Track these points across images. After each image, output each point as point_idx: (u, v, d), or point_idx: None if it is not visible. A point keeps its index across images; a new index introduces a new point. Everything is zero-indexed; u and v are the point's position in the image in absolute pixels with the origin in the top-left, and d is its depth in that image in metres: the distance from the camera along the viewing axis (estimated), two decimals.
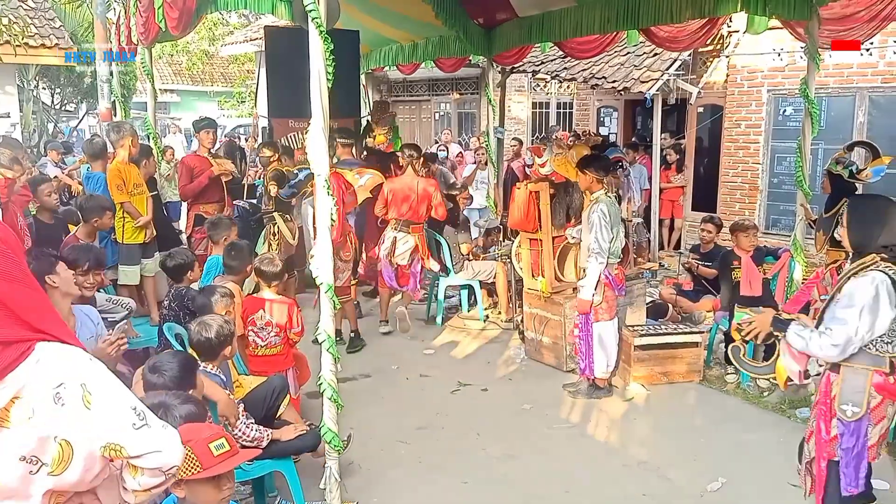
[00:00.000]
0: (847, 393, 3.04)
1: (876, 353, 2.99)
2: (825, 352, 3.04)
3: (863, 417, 3.01)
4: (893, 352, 2.98)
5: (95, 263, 4.36)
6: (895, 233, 3.00)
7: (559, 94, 13.62)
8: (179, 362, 2.90)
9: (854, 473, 3.05)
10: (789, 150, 8.67)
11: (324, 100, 3.48)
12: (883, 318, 2.92)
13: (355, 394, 5.42)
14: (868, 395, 3.00)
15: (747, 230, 5.81)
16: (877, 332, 2.94)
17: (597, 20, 6.35)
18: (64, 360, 1.62)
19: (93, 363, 1.66)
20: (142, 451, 1.68)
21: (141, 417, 1.69)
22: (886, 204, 3.14)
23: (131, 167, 5.97)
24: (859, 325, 2.92)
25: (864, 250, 3.09)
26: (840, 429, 3.07)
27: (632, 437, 4.87)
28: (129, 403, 1.69)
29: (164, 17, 5.94)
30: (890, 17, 5.15)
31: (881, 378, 2.99)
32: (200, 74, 27.05)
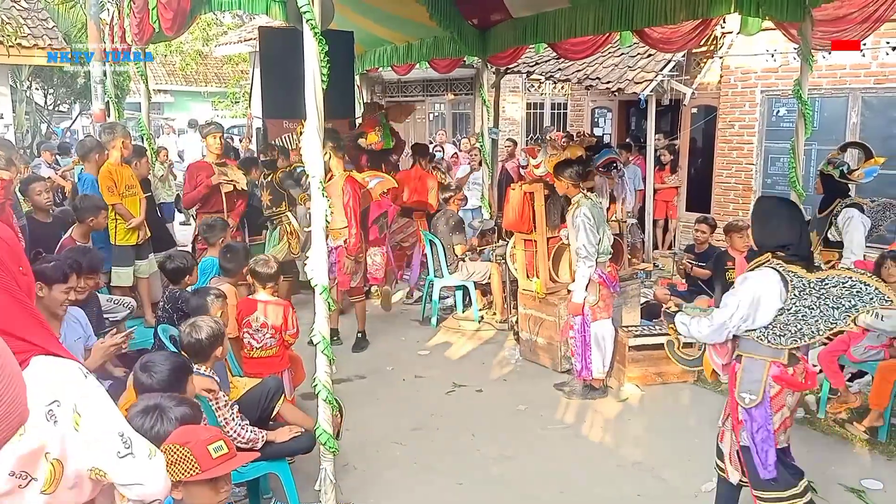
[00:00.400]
0: (746, 382, 3.23)
1: (769, 345, 3.16)
2: (702, 334, 3.32)
3: (760, 405, 3.18)
4: (788, 344, 3.14)
5: (89, 268, 4.33)
6: (790, 233, 3.19)
7: (553, 94, 13.64)
8: (171, 365, 2.88)
9: (764, 459, 3.21)
10: (783, 150, 8.72)
11: (318, 101, 3.47)
12: (765, 311, 3.12)
13: (350, 395, 5.42)
14: (765, 385, 3.18)
15: (741, 231, 5.83)
16: (758, 323, 3.15)
17: (590, 21, 6.36)
18: (59, 376, 1.59)
19: (87, 381, 1.64)
20: (124, 481, 1.67)
21: (127, 446, 1.66)
22: (784, 206, 3.37)
23: (124, 168, 5.96)
24: (735, 313, 3.16)
25: (762, 248, 3.29)
26: (743, 415, 3.25)
27: (626, 438, 4.88)
28: (116, 429, 1.67)
29: (159, 18, 5.92)
30: (883, 18, 5.16)
31: (778, 369, 3.17)
32: (194, 75, 26.99)
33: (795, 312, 3.11)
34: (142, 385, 2.81)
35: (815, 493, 4.08)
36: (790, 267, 3.15)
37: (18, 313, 1.58)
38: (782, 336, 3.15)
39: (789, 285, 3.11)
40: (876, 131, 8.34)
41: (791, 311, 3.11)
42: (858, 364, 5.04)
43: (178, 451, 2.23)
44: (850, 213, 5.24)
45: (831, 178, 5.50)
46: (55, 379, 1.58)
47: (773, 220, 3.28)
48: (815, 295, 3.09)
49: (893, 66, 8.08)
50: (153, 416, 2.36)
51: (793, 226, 3.23)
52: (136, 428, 2.37)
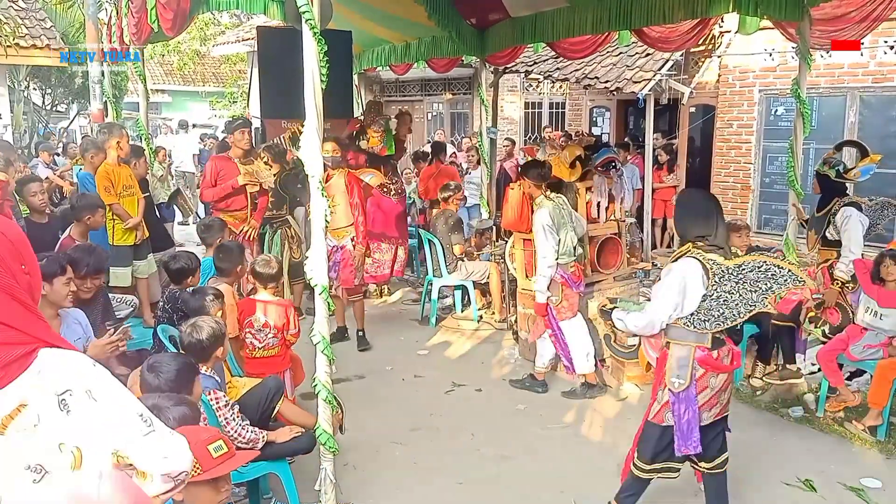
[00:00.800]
0: (675, 368, 3.41)
1: (695, 330, 3.35)
2: (637, 327, 3.53)
3: (688, 388, 3.38)
4: (712, 328, 3.33)
5: (94, 269, 4.31)
6: (707, 224, 3.39)
7: (552, 94, 13.64)
8: (179, 365, 2.89)
9: (687, 437, 3.42)
10: (781, 149, 8.71)
11: (318, 100, 3.47)
12: (691, 298, 3.31)
13: (350, 394, 5.41)
14: (692, 368, 3.38)
15: (740, 230, 5.83)
16: (686, 311, 3.33)
17: (589, 21, 6.35)
18: (68, 365, 1.59)
19: (97, 368, 1.63)
20: (152, 458, 1.66)
21: (148, 424, 1.66)
22: (702, 198, 3.59)
23: (121, 168, 5.95)
24: (666, 303, 3.35)
25: (683, 239, 3.51)
26: (671, 397, 3.44)
27: (626, 437, 4.87)
28: (135, 410, 1.66)
29: (158, 18, 5.91)
30: (881, 17, 5.18)
31: (703, 353, 3.37)
32: (192, 74, 26.95)
33: (717, 298, 3.29)
34: (149, 385, 2.82)
35: (814, 491, 4.11)
36: (708, 255, 3.32)
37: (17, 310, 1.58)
38: (706, 321, 3.32)
39: (709, 272, 3.29)
40: (874, 130, 8.35)
41: (713, 296, 3.29)
42: (857, 363, 5.05)
43: None
44: (849, 212, 5.25)
45: (828, 178, 5.51)
46: (65, 369, 1.57)
47: (691, 212, 3.49)
48: (733, 280, 3.27)
49: (891, 65, 8.08)
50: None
51: (710, 217, 3.41)
52: None
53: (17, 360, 1.53)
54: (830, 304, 5.36)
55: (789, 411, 5.19)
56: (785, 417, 5.15)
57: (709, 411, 3.47)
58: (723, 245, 3.42)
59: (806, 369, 5.75)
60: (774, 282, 3.23)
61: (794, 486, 4.18)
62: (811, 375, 5.67)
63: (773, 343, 5.72)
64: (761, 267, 3.26)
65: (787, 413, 5.18)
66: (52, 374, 1.56)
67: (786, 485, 4.20)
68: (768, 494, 4.12)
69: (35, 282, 1.67)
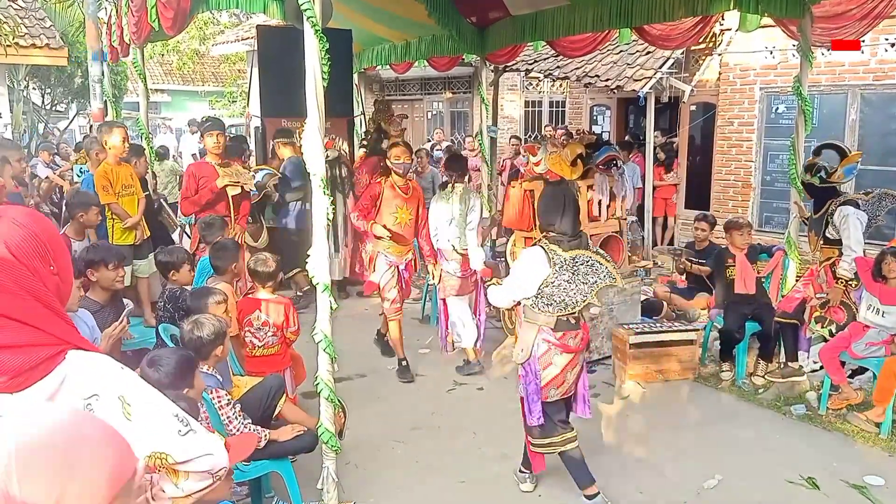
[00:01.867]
0: (521, 342, 3.83)
1: (541, 312, 3.72)
2: (495, 300, 4.03)
3: (529, 360, 3.76)
4: (556, 312, 3.71)
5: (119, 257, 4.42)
6: (554, 216, 3.73)
7: (552, 92, 13.63)
8: (178, 358, 2.89)
9: (531, 408, 3.81)
10: (782, 147, 8.72)
11: (319, 99, 3.47)
12: (532, 282, 3.68)
13: (351, 393, 5.40)
14: (533, 345, 3.76)
15: (741, 228, 5.83)
16: (528, 293, 3.72)
17: (589, 19, 6.35)
18: (95, 369, 1.57)
19: (125, 372, 1.62)
20: (191, 456, 1.65)
21: (185, 423, 1.66)
22: (554, 194, 3.88)
23: (121, 168, 5.94)
24: (514, 283, 3.80)
25: (540, 229, 3.96)
26: (521, 370, 3.86)
27: (627, 435, 4.88)
28: (170, 411, 1.66)
29: (159, 17, 5.90)
30: (882, 14, 5.17)
31: (546, 333, 3.75)
32: (191, 74, 26.94)
33: (557, 285, 3.67)
34: (149, 381, 2.81)
35: (817, 489, 4.10)
36: (552, 245, 3.68)
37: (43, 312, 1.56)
38: (550, 305, 3.71)
39: (551, 261, 3.65)
40: (875, 128, 8.35)
41: (554, 283, 3.66)
42: (859, 360, 5.04)
43: None
44: (846, 211, 5.25)
45: (814, 186, 5.52)
46: (93, 372, 1.56)
47: (542, 205, 3.88)
48: (570, 271, 3.66)
49: (893, 62, 8.08)
50: None
51: (557, 209, 3.74)
52: None
53: (44, 363, 1.51)
54: (835, 303, 5.35)
55: (792, 409, 5.18)
56: (787, 415, 5.14)
57: (556, 389, 3.81)
58: (572, 234, 3.74)
59: (808, 367, 5.75)
60: (598, 276, 3.70)
61: (796, 483, 4.17)
62: (813, 373, 5.67)
63: (775, 341, 5.71)
64: (588, 261, 3.68)
65: (790, 411, 5.17)
66: (78, 377, 1.54)
67: (789, 483, 4.19)
68: (771, 492, 4.11)
69: (65, 282, 1.65)
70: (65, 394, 1.52)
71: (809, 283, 5.57)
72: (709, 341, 6.21)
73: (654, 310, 6.82)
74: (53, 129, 18.98)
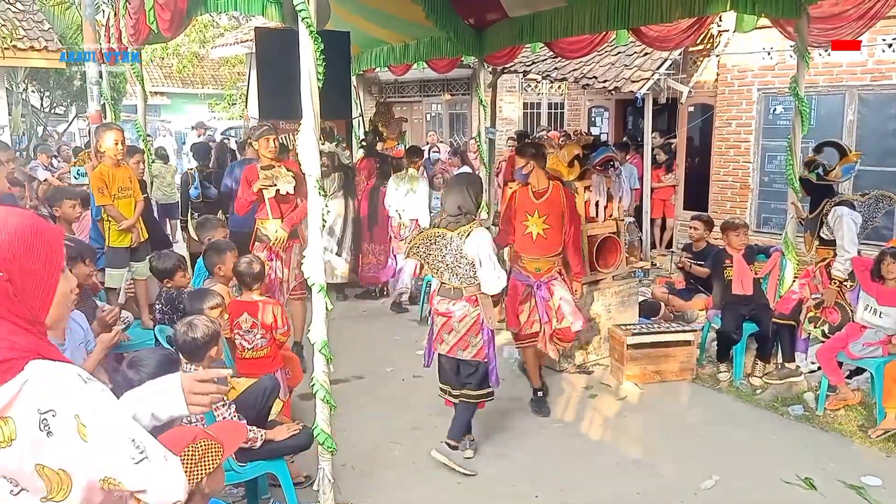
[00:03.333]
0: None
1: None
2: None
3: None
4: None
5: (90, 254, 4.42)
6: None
7: (550, 94, 13.64)
8: (158, 359, 2.89)
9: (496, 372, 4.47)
10: (780, 148, 8.71)
11: (314, 100, 3.47)
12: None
13: (349, 395, 5.41)
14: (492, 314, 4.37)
15: (738, 229, 5.83)
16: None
17: (587, 20, 6.34)
18: (56, 383, 1.51)
19: (88, 387, 1.55)
20: (142, 487, 1.60)
21: (141, 451, 1.59)
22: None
23: (118, 170, 5.93)
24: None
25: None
26: (486, 335, 4.36)
27: (625, 436, 4.88)
28: (128, 435, 1.59)
29: (156, 19, 5.90)
30: (879, 14, 5.16)
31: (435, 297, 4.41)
32: (191, 77, 26.98)
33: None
34: (129, 382, 2.82)
35: (814, 489, 4.10)
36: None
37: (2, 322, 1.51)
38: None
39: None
40: (872, 129, 8.35)
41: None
42: (857, 361, 5.03)
43: (199, 446, 2.24)
44: (840, 212, 5.25)
45: (811, 182, 5.52)
46: (52, 386, 1.49)
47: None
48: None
49: (890, 63, 8.08)
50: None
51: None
52: None
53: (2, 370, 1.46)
54: (829, 304, 5.35)
55: (789, 410, 5.18)
56: (785, 416, 5.14)
57: (439, 344, 4.44)
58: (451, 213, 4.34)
59: (806, 368, 5.74)
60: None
61: (793, 484, 4.17)
62: (811, 374, 5.66)
63: (773, 342, 5.71)
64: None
65: (787, 412, 5.17)
66: (37, 388, 1.48)
67: (786, 483, 4.19)
68: (769, 493, 4.11)
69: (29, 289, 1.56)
70: (21, 403, 1.46)
71: (806, 283, 5.57)
72: (706, 342, 6.21)
73: (653, 311, 6.82)
74: (52, 132, 19.00)
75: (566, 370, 6.01)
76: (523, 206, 5.14)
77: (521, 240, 5.17)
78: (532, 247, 5.11)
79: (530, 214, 5.09)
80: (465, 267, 4.29)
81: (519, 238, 5.18)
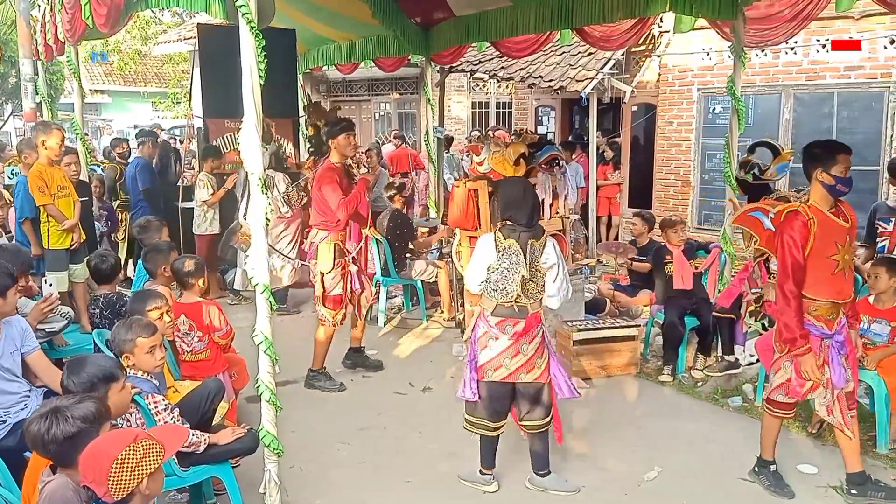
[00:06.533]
0: (469, 323, 4.09)
1: (489, 297, 3.91)
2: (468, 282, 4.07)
3: (469, 341, 4.00)
4: (499, 298, 3.87)
5: (24, 266, 4.24)
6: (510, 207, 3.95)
7: (498, 93, 13.73)
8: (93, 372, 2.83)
9: (467, 384, 3.98)
10: (719, 147, 8.91)
11: (256, 97, 3.42)
12: (482, 265, 3.90)
13: (296, 397, 5.37)
14: (474, 325, 3.99)
15: (675, 226, 5.97)
16: (480, 277, 3.91)
17: (532, 20, 6.42)
18: None
19: None
20: None
21: None
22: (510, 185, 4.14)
23: (55, 169, 5.78)
24: (472, 267, 4.00)
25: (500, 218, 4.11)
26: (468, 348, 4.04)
27: (571, 431, 4.93)
28: None
29: (92, 14, 5.75)
30: (810, 15, 5.34)
31: (487, 316, 3.93)
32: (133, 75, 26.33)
33: (500, 272, 3.85)
34: (65, 388, 2.79)
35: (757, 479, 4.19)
36: (499, 234, 3.89)
37: None
38: (495, 291, 3.87)
39: (497, 248, 3.85)
40: (808, 127, 8.62)
41: (499, 270, 3.85)
42: None
43: (140, 446, 2.21)
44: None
45: (748, 182, 5.69)
46: None
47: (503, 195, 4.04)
48: (508, 259, 3.83)
49: (824, 63, 8.36)
50: (48, 420, 2.38)
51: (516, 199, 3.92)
52: (33, 435, 2.37)
53: None
54: (768, 297, 5.51)
55: (729, 401, 5.32)
56: (725, 407, 5.27)
57: (493, 371, 3.91)
58: (524, 223, 3.89)
59: (745, 360, 5.91)
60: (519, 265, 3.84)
61: (736, 475, 4.25)
62: (749, 366, 5.82)
63: (713, 335, 5.86)
64: (510, 247, 3.85)
65: (727, 403, 5.31)
66: None
67: (727, 472, 4.29)
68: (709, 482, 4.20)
69: None
70: None
71: (744, 278, 5.72)
72: (650, 337, 6.34)
73: (598, 307, 6.92)
74: None
75: None
76: (829, 233, 3.78)
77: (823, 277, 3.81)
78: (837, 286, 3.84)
79: (841, 245, 3.80)
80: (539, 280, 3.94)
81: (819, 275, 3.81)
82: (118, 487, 2.17)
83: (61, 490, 2.35)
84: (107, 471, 2.16)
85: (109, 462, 2.16)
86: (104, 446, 2.24)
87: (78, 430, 2.38)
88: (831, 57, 8.28)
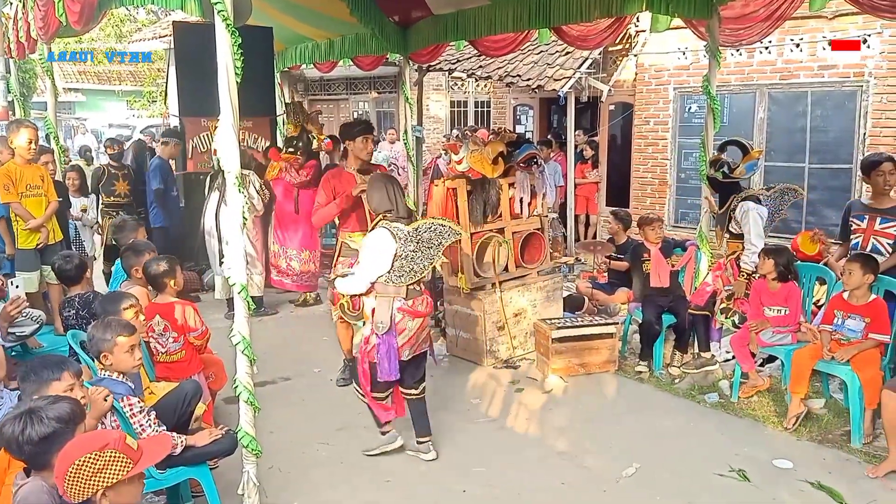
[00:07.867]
0: (379, 315, 4.14)
1: (393, 284, 4.11)
2: (355, 288, 4.27)
3: (390, 330, 4.12)
4: (406, 281, 4.11)
5: None
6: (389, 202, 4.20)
7: (477, 92, 13.75)
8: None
9: (389, 367, 4.16)
10: (695, 146, 8.97)
11: (232, 95, 3.39)
12: (384, 260, 4.08)
13: (274, 397, 5.34)
14: (392, 315, 4.12)
15: (652, 223, 6.02)
16: (382, 269, 4.09)
17: (510, 18, 6.44)
18: None
19: None
20: None
21: None
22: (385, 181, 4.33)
23: (27, 168, 5.71)
24: (367, 266, 4.14)
25: (376, 213, 4.33)
26: (376, 340, 4.16)
27: (550, 428, 4.96)
28: None
29: (65, 11, 5.69)
30: (784, 15, 5.40)
31: (400, 302, 4.14)
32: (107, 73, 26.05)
33: (405, 256, 4.09)
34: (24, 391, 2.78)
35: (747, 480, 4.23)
36: (394, 224, 4.12)
37: None
38: (401, 276, 4.10)
39: (396, 237, 4.07)
40: (782, 126, 8.73)
41: (403, 256, 4.08)
42: (767, 349, 5.25)
43: (104, 456, 2.17)
44: (746, 206, 5.48)
45: (717, 180, 5.76)
46: None
47: (377, 192, 4.25)
48: (415, 241, 4.09)
49: (797, 62, 8.46)
50: (22, 420, 2.35)
51: (391, 196, 4.21)
52: (7, 437, 2.32)
53: None
54: (739, 295, 5.58)
55: (705, 397, 5.37)
56: (701, 403, 5.32)
57: (409, 349, 4.22)
58: (404, 216, 4.21)
59: (721, 357, 5.97)
60: (443, 237, 4.12)
61: (727, 476, 4.28)
62: (726, 363, 5.89)
63: (689, 332, 5.91)
64: (432, 227, 4.13)
65: (704, 399, 5.35)
66: None
67: (704, 468, 4.33)
68: (686, 477, 4.23)
69: None
70: None
71: (718, 276, 5.79)
72: (628, 334, 6.39)
73: (577, 305, 6.96)
74: None
75: (493, 365, 6.08)
76: None
77: None
78: None
79: None
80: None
81: None
82: (73, 491, 2.16)
83: (36, 493, 2.32)
84: (64, 471, 2.16)
85: (69, 463, 2.16)
86: (71, 447, 2.23)
87: (53, 430, 2.35)
88: (804, 56, 8.39)
